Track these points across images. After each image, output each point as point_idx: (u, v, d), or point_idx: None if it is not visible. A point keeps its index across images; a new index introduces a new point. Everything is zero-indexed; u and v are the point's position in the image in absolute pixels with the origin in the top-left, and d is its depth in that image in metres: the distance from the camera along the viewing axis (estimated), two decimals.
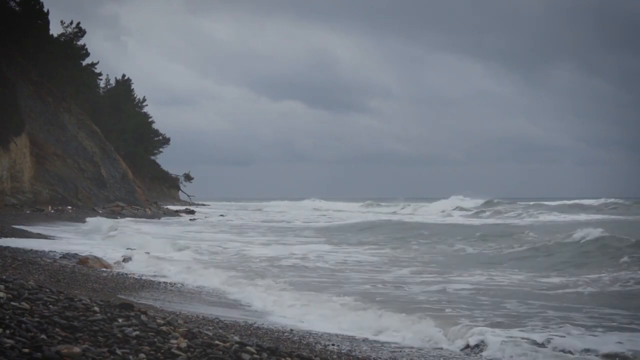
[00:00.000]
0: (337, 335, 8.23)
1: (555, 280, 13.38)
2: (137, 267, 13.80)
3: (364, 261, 16.77)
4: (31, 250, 14.89)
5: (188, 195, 71.20)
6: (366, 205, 71.48)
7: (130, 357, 4.39)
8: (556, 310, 9.76)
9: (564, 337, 7.92)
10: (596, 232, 18.60)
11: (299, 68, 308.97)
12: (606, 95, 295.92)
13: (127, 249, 15.92)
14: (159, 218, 40.30)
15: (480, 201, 57.67)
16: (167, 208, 51.43)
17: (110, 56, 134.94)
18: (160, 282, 11.78)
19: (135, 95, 69.61)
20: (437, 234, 24.84)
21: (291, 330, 8.30)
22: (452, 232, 25.44)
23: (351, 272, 14.33)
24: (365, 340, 8.11)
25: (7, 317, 4.55)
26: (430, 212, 54.35)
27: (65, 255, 14.20)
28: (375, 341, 8.09)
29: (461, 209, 53.74)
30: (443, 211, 53.65)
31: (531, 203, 56.05)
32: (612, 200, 54.49)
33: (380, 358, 7.16)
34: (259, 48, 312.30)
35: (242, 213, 54.37)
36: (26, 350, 4.04)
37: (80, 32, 53.97)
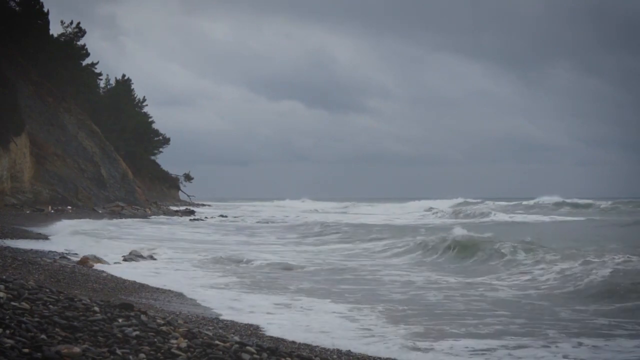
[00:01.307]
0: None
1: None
2: (132, 271, 13.70)
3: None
4: (31, 250, 14.89)
5: (188, 195, 71.15)
6: (342, 207, 73.04)
7: (130, 357, 4.39)
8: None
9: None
10: (453, 235, 19.38)
11: (297, 68, 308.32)
12: (605, 95, 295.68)
13: (130, 253, 15.89)
14: (147, 217, 40.29)
15: (454, 202, 60.11)
16: (167, 208, 51.42)
17: (108, 56, 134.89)
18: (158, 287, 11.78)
19: (135, 95, 69.58)
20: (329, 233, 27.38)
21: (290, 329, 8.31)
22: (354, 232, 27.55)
23: None
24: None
25: (7, 317, 4.55)
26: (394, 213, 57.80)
27: (65, 255, 14.20)
28: None
29: (431, 209, 56.68)
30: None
31: (512, 203, 57.82)
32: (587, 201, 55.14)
33: (380, 358, 7.16)
34: (257, 48, 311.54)
35: (231, 212, 54.98)
36: (26, 350, 4.04)
37: (80, 32, 53.95)
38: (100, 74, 62.91)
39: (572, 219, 40.12)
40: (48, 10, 47.39)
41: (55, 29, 52.86)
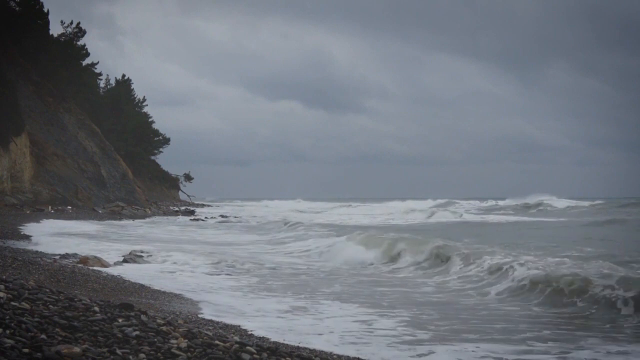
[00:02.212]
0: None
1: None
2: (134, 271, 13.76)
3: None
4: (31, 250, 14.88)
5: (188, 195, 71.19)
6: (329, 207, 73.80)
7: (130, 357, 4.39)
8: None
9: None
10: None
11: (295, 68, 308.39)
12: (603, 96, 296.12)
13: (130, 253, 15.86)
14: (148, 217, 40.27)
15: (436, 202, 61.67)
16: (167, 208, 51.43)
17: (105, 56, 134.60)
18: (158, 283, 11.79)
19: (135, 95, 69.61)
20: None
21: (290, 329, 8.30)
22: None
23: None
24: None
25: (7, 317, 4.55)
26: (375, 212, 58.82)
27: (65, 255, 14.19)
28: None
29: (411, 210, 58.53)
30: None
31: (493, 203, 58.65)
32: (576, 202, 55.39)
33: (382, 358, 7.16)
34: (255, 48, 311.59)
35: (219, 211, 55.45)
36: (26, 350, 4.04)
37: (80, 32, 53.95)
38: (100, 74, 63.00)
39: (541, 219, 39.86)
40: (48, 10, 47.45)
41: (55, 29, 52.99)
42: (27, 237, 18.84)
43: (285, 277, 13.63)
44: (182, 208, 54.16)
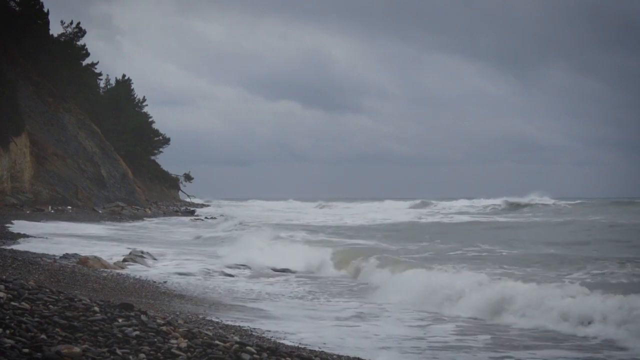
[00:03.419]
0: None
1: None
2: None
3: None
4: (31, 250, 14.88)
5: (188, 195, 71.18)
6: (307, 207, 74.17)
7: (130, 357, 4.39)
8: None
9: None
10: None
11: (294, 68, 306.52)
12: (603, 96, 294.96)
13: (130, 253, 15.86)
14: (148, 217, 40.25)
15: (414, 202, 63.25)
16: (167, 208, 51.43)
17: (104, 56, 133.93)
18: (159, 283, 11.78)
19: (135, 95, 69.54)
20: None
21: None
22: None
23: None
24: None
25: (7, 317, 4.55)
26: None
27: (65, 255, 14.19)
28: None
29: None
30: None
31: (469, 204, 59.16)
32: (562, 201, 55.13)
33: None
34: (253, 48, 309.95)
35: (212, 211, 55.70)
36: (26, 350, 4.04)
37: (80, 32, 53.88)
38: (100, 74, 62.96)
39: (507, 219, 39.31)
40: (48, 10, 47.38)
41: (55, 29, 52.85)
42: (27, 237, 18.84)
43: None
44: (182, 208, 54.15)
